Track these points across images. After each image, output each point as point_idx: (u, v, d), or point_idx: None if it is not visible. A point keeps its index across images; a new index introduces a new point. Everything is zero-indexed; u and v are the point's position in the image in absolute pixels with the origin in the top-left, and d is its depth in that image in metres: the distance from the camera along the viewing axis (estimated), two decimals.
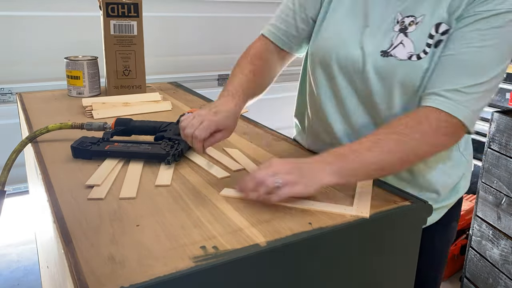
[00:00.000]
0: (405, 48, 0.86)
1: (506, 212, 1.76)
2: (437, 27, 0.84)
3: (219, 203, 0.75)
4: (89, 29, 1.88)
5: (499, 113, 1.79)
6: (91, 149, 0.92)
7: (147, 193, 0.79)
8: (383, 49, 0.88)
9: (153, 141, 0.96)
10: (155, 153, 0.90)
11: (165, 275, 0.55)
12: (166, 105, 1.35)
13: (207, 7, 2.24)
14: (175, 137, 0.95)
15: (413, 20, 0.86)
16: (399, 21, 0.88)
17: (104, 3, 1.36)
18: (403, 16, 0.88)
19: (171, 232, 0.66)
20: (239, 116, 0.91)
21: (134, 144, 0.94)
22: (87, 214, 0.70)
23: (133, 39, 1.42)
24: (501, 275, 1.81)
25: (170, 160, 0.89)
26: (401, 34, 0.87)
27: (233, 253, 0.61)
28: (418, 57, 0.85)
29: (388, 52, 0.87)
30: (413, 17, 0.87)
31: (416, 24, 0.86)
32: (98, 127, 1.04)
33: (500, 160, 1.76)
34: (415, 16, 0.86)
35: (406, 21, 0.87)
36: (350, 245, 0.71)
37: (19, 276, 2.18)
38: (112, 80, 1.44)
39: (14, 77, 1.87)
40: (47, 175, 0.84)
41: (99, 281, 0.54)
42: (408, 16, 0.87)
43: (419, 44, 0.85)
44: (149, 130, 1.03)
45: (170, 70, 2.22)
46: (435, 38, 0.84)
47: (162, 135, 0.97)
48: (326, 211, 0.73)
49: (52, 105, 1.36)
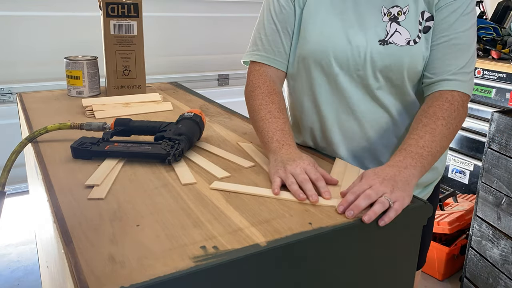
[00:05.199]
0: (402, 35, 0.95)
1: (506, 212, 1.76)
2: (422, 14, 0.95)
3: (219, 203, 0.75)
4: (89, 29, 1.88)
5: (499, 113, 1.79)
6: (91, 149, 0.92)
7: (147, 193, 0.79)
8: (380, 38, 0.95)
9: (153, 141, 0.96)
10: (155, 153, 0.90)
11: (165, 275, 0.55)
12: (166, 105, 1.35)
13: (207, 7, 2.24)
14: (175, 137, 0.95)
15: (401, 10, 0.95)
16: (386, 12, 0.96)
17: (104, 3, 1.36)
18: (387, 7, 0.96)
19: (171, 232, 0.66)
20: None
21: (134, 144, 0.94)
22: (87, 214, 0.70)
23: (133, 39, 1.42)
24: (501, 275, 1.81)
25: (171, 160, 0.89)
26: (394, 23, 0.95)
27: (233, 253, 0.61)
28: (415, 42, 0.95)
29: (387, 40, 0.95)
30: (398, 7, 0.95)
31: (404, 13, 0.95)
32: (98, 127, 1.04)
33: (500, 160, 1.76)
34: (400, 6, 0.95)
35: (392, 11, 0.96)
36: (350, 245, 0.71)
37: (19, 276, 2.18)
38: (112, 80, 1.44)
39: (14, 77, 1.87)
40: (47, 175, 0.84)
41: (99, 281, 0.54)
42: (393, 6, 0.96)
43: (413, 30, 0.95)
44: (149, 130, 1.03)
45: (170, 70, 2.22)
46: (422, 24, 0.95)
47: (162, 135, 0.97)
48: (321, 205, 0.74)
49: (52, 105, 1.36)
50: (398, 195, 0.75)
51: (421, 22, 0.95)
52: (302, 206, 0.75)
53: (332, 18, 0.97)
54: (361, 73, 0.96)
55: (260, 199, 0.77)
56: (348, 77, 0.97)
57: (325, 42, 0.97)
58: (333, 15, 0.97)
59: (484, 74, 2.56)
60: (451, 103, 0.91)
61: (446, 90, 0.93)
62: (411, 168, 0.81)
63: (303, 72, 1.02)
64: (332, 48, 0.96)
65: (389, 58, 0.94)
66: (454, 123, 0.90)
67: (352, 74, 0.97)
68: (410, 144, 0.86)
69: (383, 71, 0.95)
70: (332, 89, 0.99)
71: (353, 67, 0.96)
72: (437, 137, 0.87)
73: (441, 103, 0.91)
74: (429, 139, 0.86)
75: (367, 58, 0.94)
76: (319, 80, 1.00)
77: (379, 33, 0.95)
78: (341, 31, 0.96)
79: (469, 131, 2.66)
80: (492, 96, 2.54)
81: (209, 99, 1.49)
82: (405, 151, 0.84)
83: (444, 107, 0.90)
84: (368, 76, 0.96)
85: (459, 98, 0.92)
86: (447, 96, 0.92)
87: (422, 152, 0.84)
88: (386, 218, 0.72)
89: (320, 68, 0.98)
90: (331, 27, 0.97)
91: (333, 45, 0.96)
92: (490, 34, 2.67)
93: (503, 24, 2.84)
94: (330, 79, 0.99)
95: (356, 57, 0.95)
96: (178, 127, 0.99)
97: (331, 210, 0.74)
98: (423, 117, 0.90)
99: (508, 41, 2.61)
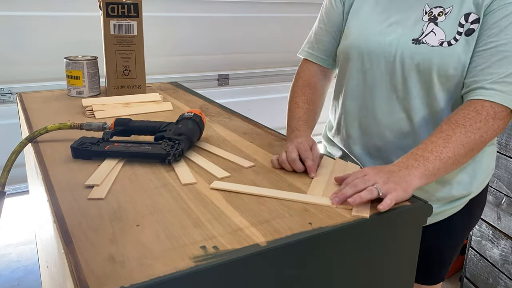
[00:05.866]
0: (436, 36, 0.93)
1: (506, 212, 1.76)
2: (467, 16, 0.91)
3: (219, 203, 0.76)
4: (89, 29, 1.88)
5: None
6: (91, 149, 0.92)
7: (147, 193, 0.79)
8: (414, 37, 0.95)
9: (153, 141, 0.96)
10: (155, 153, 0.90)
11: (165, 275, 0.55)
12: (166, 105, 1.35)
13: (207, 7, 2.24)
14: (175, 137, 0.95)
15: (442, 11, 0.94)
16: (427, 11, 0.95)
17: (104, 3, 1.36)
18: (430, 7, 0.95)
19: (171, 232, 0.66)
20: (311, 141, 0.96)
21: (134, 144, 0.94)
22: (87, 214, 0.70)
23: (133, 39, 1.42)
24: (501, 275, 1.81)
25: (171, 160, 0.89)
26: (431, 24, 0.94)
27: (233, 253, 0.61)
28: (449, 44, 0.92)
29: (420, 40, 0.94)
30: (441, 8, 0.94)
31: (445, 14, 0.93)
32: (98, 127, 1.04)
33: (500, 160, 1.76)
34: (443, 7, 0.94)
35: (434, 11, 0.95)
36: (350, 245, 0.71)
37: (19, 276, 2.18)
38: (112, 80, 1.44)
39: (14, 77, 1.87)
40: (47, 175, 0.85)
41: (99, 281, 0.54)
42: (436, 7, 0.95)
43: (450, 32, 0.92)
44: (149, 130, 1.03)
45: (170, 70, 2.22)
46: (465, 27, 0.91)
47: (162, 135, 0.97)
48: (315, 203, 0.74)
49: (52, 105, 1.36)
50: (390, 187, 0.75)
51: (464, 25, 0.91)
52: (302, 206, 0.75)
53: (374, 16, 1.01)
54: (390, 70, 0.97)
55: (260, 199, 0.77)
56: (378, 74, 1.00)
57: (362, 38, 1.01)
58: (375, 13, 1.01)
59: None
60: (479, 112, 0.87)
61: (478, 99, 0.88)
62: (412, 169, 0.80)
63: (340, 67, 1.09)
64: (365, 43, 1.00)
65: (418, 57, 0.93)
66: (478, 133, 0.85)
67: (382, 71, 0.99)
68: (419, 147, 0.85)
69: (412, 71, 0.95)
70: (359, 84, 1.04)
71: (383, 64, 0.98)
72: (452, 143, 0.84)
73: (467, 112, 0.87)
74: (441, 144, 0.84)
75: (397, 55, 0.96)
76: (350, 74, 1.05)
77: (415, 32, 0.95)
78: (378, 28, 0.99)
79: None
80: None
81: (209, 99, 1.49)
82: (411, 154, 0.84)
83: (468, 116, 0.87)
84: (397, 74, 0.97)
85: (491, 109, 0.87)
86: (476, 105, 0.88)
87: (429, 156, 0.82)
88: (383, 205, 0.72)
89: (353, 63, 1.03)
90: (370, 24, 1.01)
91: (367, 40, 1.00)
92: None
93: None
94: (360, 75, 1.03)
95: (387, 54, 0.97)
96: (178, 127, 0.99)
97: (331, 210, 0.74)
98: (444, 123, 0.88)
99: None
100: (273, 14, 2.37)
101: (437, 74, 0.93)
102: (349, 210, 0.74)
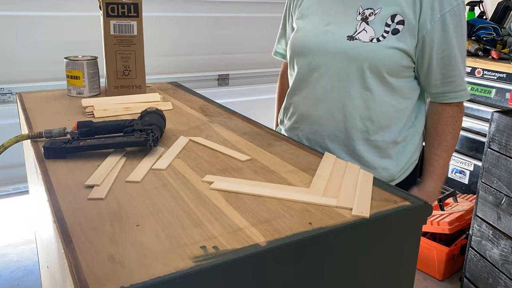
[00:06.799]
0: (367, 33, 1.09)
1: (506, 212, 1.76)
2: (393, 17, 1.08)
3: (219, 203, 0.76)
4: (89, 29, 1.88)
5: (499, 113, 1.79)
6: (66, 146, 0.91)
7: (147, 193, 0.79)
8: (349, 34, 1.11)
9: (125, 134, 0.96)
10: (134, 141, 0.91)
11: (165, 275, 0.55)
12: (166, 105, 1.35)
13: (208, 7, 2.24)
14: (146, 127, 0.96)
15: (372, 12, 1.10)
16: (360, 12, 1.12)
17: (104, 3, 1.36)
18: (363, 8, 1.12)
19: (171, 232, 0.66)
20: None
21: (108, 138, 0.94)
22: (87, 214, 0.70)
23: (133, 39, 1.42)
24: (501, 275, 1.81)
25: (152, 145, 0.90)
26: (363, 23, 1.10)
27: (233, 253, 0.61)
28: (378, 40, 1.09)
29: (354, 36, 1.11)
30: (371, 9, 1.11)
31: (375, 14, 1.10)
32: (59, 133, 1.01)
33: (500, 160, 1.76)
34: (373, 9, 1.10)
35: (366, 12, 1.11)
36: (350, 245, 0.71)
37: (19, 276, 2.18)
38: (112, 80, 1.44)
39: (14, 77, 1.87)
40: (47, 175, 0.84)
41: (99, 281, 0.54)
42: (367, 8, 1.11)
43: (378, 30, 1.09)
44: (114, 129, 1.02)
45: (170, 70, 2.22)
46: (392, 27, 1.08)
47: (131, 129, 0.97)
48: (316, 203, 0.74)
49: (52, 105, 1.36)
50: None
51: (390, 25, 1.08)
52: (302, 206, 0.75)
53: (315, 16, 1.19)
54: (330, 63, 1.13)
55: (260, 199, 0.77)
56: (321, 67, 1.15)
57: (304, 37, 1.19)
58: (316, 14, 1.19)
59: (484, 74, 2.56)
60: (452, 116, 1.15)
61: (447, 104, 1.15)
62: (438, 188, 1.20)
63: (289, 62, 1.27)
64: (307, 41, 1.17)
65: (352, 51, 1.10)
66: (458, 128, 1.16)
67: (324, 64, 1.14)
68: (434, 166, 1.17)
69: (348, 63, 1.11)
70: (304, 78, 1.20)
71: (325, 58, 1.14)
72: (451, 150, 1.17)
73: (445, 119, 1.16)
74: (445, 156, 1.16)
75: (335, 50, 1.12)
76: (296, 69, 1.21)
77: (350, 30, 1.11)
78: (319, 27, 1.16)
79: (469, 131, 2.66)
80: (492, 96, 2.54)
81: (209, 99, 1.49)
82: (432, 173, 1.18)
83: (448, 122, 1.16)
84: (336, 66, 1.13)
85: (458, 108, 1.16)
86: (448, 111, 1.15)
87: (442, 169, 1.17)
88: None
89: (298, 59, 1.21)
90: (312, 24, 1.18)
91: (309, 39, 1.17)
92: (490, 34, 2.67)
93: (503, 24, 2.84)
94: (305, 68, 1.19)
95: (326, 49, 1.13)
96: (145, 119, 1.01)
97: (331, 210, 0.74)
98: (436, 135, 1.17)
99: (508, 41, 2.61)
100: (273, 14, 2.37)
101: (368, 65, 1.09)
102: (349, 210, 0.74)
